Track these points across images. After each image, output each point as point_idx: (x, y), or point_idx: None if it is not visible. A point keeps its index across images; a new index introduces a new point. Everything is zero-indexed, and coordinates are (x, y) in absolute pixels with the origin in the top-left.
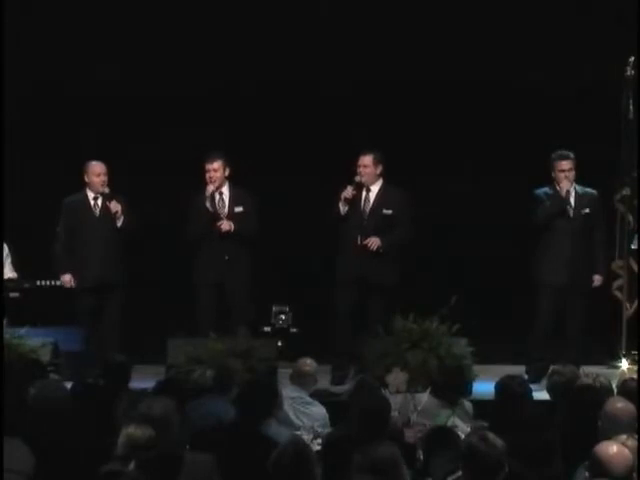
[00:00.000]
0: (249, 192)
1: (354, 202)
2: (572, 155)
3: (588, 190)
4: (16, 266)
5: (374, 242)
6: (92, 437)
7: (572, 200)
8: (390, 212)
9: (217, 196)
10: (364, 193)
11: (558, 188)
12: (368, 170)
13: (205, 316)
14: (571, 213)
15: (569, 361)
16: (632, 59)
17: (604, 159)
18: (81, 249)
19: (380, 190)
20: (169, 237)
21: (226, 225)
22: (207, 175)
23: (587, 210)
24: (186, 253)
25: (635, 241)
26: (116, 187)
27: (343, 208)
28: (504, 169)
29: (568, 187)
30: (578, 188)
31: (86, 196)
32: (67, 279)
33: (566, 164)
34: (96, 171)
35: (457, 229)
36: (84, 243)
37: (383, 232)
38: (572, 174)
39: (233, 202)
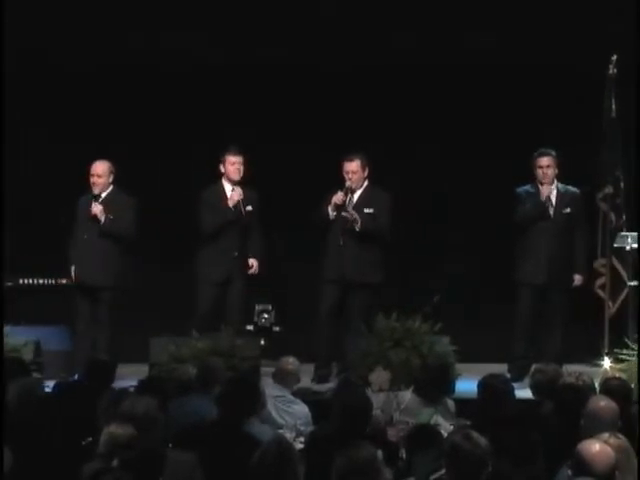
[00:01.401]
0: (254, 189)
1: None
2: (553, 153)
3: (570, 189)
4: None
5: (353, 213)
6: (74, 436)
7: (553, 199)
8: (372, 210)
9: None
10: (349, 195)
11: (540, 187)
12: (357, 176)
13: (203, 314)
14: (552, 213)
15: (551, 359)
16: (614, 57)
17: (587, 158)
18: (75, 249)
19: (363, 192)
20: (154, 235)
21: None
22: (232, 167)
23: (568, 210)
24: (178, 252)
25: (617, 239)
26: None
27: (332, 213)
28: (488, 169)
29: (548, 191)
30: (560, 187)
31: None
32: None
33: (545, 161)
34: (89, 170)
35: (440, 228)
36: (76, 243)
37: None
38: (551, 171)
39: (245, 199)
